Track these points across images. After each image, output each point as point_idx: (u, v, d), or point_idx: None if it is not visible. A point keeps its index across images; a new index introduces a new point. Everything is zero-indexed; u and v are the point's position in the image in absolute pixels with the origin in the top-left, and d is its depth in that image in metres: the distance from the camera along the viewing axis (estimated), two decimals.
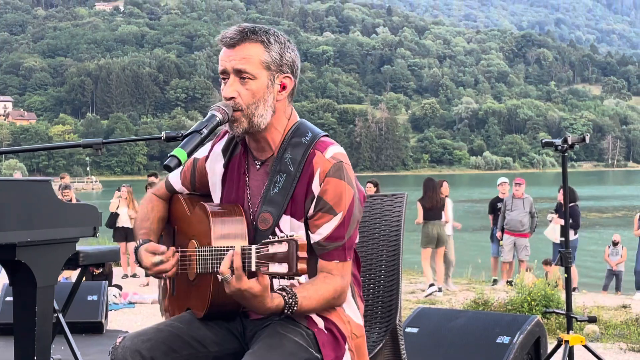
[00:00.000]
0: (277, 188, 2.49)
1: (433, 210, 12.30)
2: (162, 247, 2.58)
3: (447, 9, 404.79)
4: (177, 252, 2.63)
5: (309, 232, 2.50)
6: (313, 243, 2.49)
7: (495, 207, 14.39)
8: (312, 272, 2.47)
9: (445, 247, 12.55)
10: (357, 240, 2.62)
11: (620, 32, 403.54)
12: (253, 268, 2.19)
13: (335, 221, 2.46)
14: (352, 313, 2.59)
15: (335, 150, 2.50)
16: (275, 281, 2.47)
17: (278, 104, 2.52)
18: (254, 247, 2.20)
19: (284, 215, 2.49)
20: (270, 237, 2.19)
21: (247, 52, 2.45)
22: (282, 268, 2.12)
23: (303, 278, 2.14)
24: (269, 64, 2.46)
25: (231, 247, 2.33)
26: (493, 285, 13.54)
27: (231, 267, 2.26)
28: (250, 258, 2.20)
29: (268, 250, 2.15)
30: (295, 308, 2.36)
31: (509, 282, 13.16)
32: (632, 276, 14.28)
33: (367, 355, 2.63)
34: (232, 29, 2.47)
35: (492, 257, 14.65)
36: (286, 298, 2.34)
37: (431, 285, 11.98)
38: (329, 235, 2.47)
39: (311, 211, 2.48)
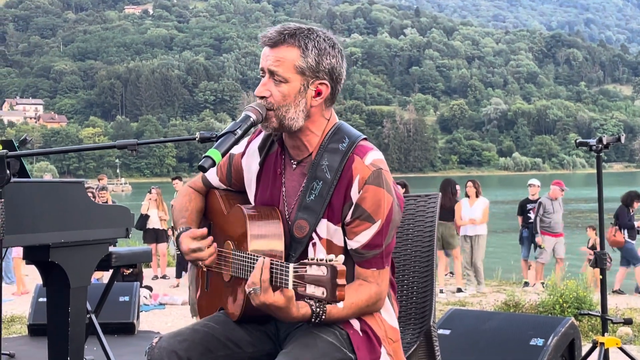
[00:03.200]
0: (314, 195, 2.47)
1: (441, 212, 12.38)
2: (202, 231, 2.57)
3: (475, 10, 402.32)
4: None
5: (347, 238, 2.48)
6: (350, 250, 2.47)
7: (524, 209, 14.20)
8: (349, 278, 2.40)
9: (456, 249, 12.69)
10: (394, 246, 2.59)
11: None
12: (290, 286, 2.16)
13: (373, 229, 2.44)
14: (388, 316, 2.57)
15: (374, 157, 2.48)
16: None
17: (313, 109, 2.48)
18: (291, 265, 2.16)
19: (321, 220, 2.47)
20: (309, 258, 2.14)
21: (282, 54, 2.43)
22: (320, 292, 2.08)
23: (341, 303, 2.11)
24: (304, 69, 2.43)
25: (265, 256, 2.31)
26: (524, 287, 13.42)
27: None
28: (287, 276, 2.17)
29: (306, 271, 2.11)
30: (323, 317, 2.34)
31: (542, 284, 13.04)
32: None
33: None
34: (274, 28, 2.44)
35: (523, 259, 14.49)
36: (314, 307, 2.32)
37: (440, 291, 12.15)
38: (367, 243, 2.45)
39: (349, 218, 2.46)
